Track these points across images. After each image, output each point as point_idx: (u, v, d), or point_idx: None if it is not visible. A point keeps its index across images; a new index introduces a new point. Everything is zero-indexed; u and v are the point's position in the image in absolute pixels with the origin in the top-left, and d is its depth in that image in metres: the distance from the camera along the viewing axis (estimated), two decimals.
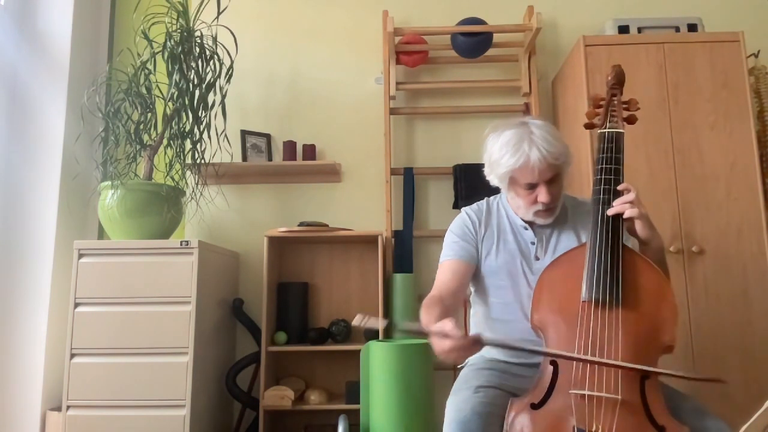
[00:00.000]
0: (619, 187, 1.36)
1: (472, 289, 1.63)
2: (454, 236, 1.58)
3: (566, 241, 1.51)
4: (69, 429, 2.10)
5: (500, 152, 1.44)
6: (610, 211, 1.34)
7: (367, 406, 2.11)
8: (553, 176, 1.43)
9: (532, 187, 1.44)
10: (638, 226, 1.33)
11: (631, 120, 1.49)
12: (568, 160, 1.47)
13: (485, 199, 1.65)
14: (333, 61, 2.98)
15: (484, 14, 2.88)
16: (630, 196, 1.33)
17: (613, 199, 1.36)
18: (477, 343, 1.17)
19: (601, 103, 1.50)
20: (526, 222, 1.54)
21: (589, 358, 1.20)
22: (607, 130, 1.45)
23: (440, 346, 1.16)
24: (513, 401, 1.26)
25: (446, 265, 1.54)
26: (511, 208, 1.57)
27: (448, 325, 1.16)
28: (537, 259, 1.51)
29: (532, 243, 1.53)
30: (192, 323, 2.16)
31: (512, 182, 1.48)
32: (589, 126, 1.52)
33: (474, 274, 1.56)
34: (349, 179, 2.89)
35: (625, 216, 1.33)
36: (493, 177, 1.52)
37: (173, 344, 2.15)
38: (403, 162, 2.89)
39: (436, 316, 1.32)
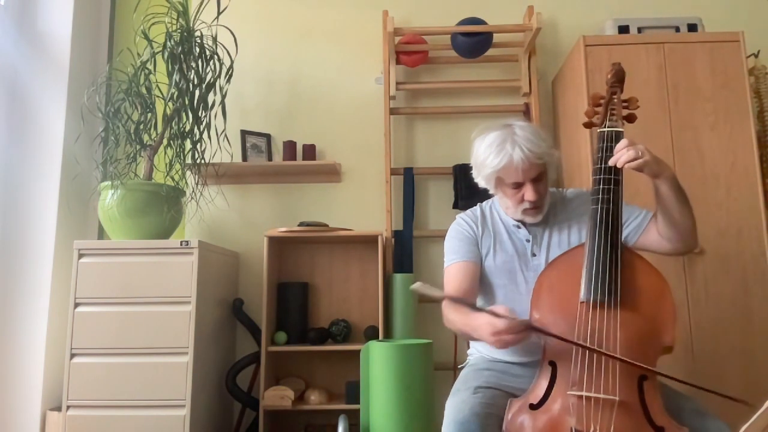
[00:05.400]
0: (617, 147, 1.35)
1: None
2: (454, 240, 1.59)
3: (559, 236, 1.52)
4: (69, 429, 2.10)
5: (485, 154, 1.47)
6: (613, 161, 1.33)
7: (367, 406, 2.11)
8: (538, 175, 1.46)
9: (518, 186, 1.46)
10: (646, 169, 1.32)
11: (630, 119, 1.49)
12: (552, 160, 1.49)
13: (478, 204, 1.67)
14: (333, 61, 2.98)
15: (484, 14, 2.87)
16: (623, 143, 1.32)
17: (612, 198, 1.36)
18: (529, 328, 1.20)
19: (601, 101, 1.50)
20: (518, 221, 1.55)
21: (628, 360, 1.19)
22: (606, 129, 1.45)
23: (493, 326, 1.20)
24: (512, 401, 1.27)
25: (454, 267, 1.55)
26: (501, 208, 1.59)
27: (501, 307, 1.22)
28: (534, 255, 1.52)
29: (528, 240, 1.54)
30: (192, 323, 2.16)
31: (499, 182, 1.50)
32: (588, 125, 1.51)
33: None
34: (349, 179, 2.89)
35: (630, 166, 1.31)
36: (480, 179, 1.54)
37: (173, 344, 2.15)
38: (403, 162, 2.89)
39: (468, 306, 1.35)
